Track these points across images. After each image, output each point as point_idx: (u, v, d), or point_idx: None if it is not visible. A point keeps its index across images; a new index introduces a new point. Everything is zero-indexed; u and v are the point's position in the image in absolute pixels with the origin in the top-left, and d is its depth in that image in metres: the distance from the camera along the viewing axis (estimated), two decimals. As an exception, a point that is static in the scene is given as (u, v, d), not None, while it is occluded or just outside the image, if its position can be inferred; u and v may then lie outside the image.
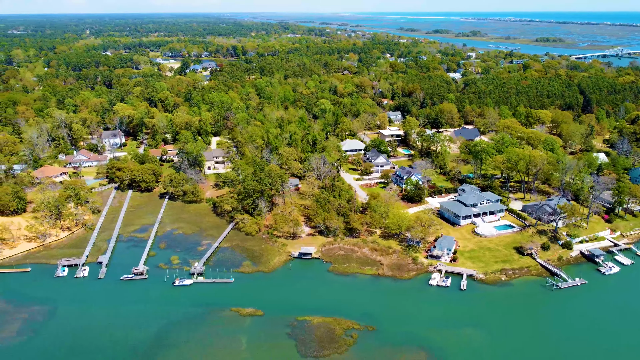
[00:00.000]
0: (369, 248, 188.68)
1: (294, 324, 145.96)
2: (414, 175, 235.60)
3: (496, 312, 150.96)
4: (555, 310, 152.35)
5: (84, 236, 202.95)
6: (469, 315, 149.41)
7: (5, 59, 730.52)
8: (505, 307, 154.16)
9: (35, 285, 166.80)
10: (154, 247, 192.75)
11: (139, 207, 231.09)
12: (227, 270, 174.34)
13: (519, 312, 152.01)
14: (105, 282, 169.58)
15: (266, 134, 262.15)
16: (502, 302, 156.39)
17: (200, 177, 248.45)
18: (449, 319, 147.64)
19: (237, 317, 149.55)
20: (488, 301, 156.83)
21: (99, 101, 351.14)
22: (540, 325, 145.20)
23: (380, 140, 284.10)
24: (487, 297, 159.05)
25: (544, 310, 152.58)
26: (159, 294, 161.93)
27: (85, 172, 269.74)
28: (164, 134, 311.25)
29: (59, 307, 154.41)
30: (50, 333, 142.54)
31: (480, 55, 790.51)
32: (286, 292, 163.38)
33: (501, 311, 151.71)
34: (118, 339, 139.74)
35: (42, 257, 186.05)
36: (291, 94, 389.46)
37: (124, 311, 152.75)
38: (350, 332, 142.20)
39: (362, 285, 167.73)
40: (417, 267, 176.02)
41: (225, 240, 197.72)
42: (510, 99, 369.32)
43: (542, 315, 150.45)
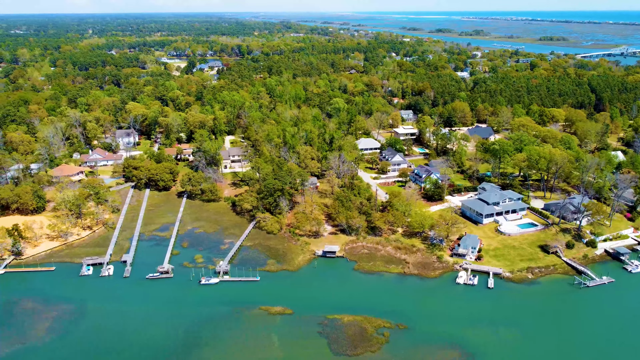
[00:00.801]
0: (392, 246, 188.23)
1: (324, 322, 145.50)
2: (433, 173, 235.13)
3: (527, 311, 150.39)
4: (585, 309, 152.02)
5: (105, 235, 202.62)
6: (499, 313, 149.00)
7: (11, 59, 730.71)
8: (535, 305, 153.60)
9: (62, 284, 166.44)
10: (176, 246, 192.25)
11: (157, 206, 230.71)
12: (252, 269, 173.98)
13: (550, 310, 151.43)
14: (131, 280, 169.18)
15: (283, 132, 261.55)
16: (532, 301, 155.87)
17: (218, 176, 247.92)
18: (479, 317, 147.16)
19: (266, 316, 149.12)
20: (517, 299, 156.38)
21: (111, 100, 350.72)
22: (572, 323, 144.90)
23: (395, 139, 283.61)
24: (516, 295, 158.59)
25: (575, 309, 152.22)
26: (186, 293, 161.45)
27: (102, 171, 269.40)
28: (177, 132, 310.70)
29: (87, 306, 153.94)
30: (81, 332, 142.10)
31: (485, 54, 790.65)
32: (313, 290, 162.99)
33: (532, 309, 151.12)
34: (151, 337, 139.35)
35: (65, 255, 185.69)
36: (302, 92, 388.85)
37: (153, 310, 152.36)
38: (381, 330, 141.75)
39: (388, 283, 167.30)
40: (442, 266, 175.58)
41: (247, 239, 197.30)
42: (523, 97, 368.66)
43: (573, 313, 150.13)
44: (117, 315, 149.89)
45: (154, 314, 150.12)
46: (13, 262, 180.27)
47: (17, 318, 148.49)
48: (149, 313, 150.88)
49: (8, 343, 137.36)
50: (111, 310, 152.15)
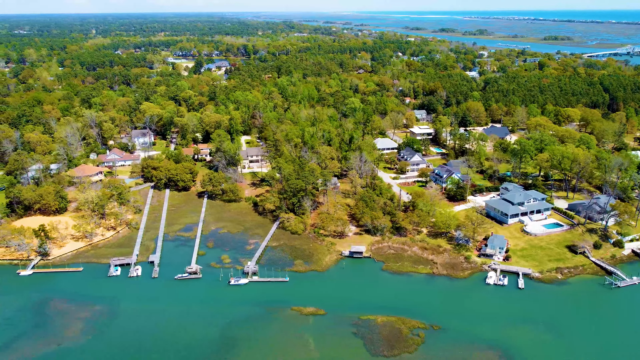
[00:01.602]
0: (418, 247, 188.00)
1: (358, 322, 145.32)
2: (455, 173, 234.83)
3: (561, 311, 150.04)
4: (620, 309, 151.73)
5: (130, 235, 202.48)
6: (533, 314, 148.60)
7: (18, 59, 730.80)
8: (569, 306, 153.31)
9: (91, 285, 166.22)
10: (201, 246, 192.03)
11: (179, 206, 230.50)
12: (280, 269, 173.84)
13: (584, 311, 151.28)
14: (160, 281, 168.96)
15: (302, 132, 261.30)
16: (565, 301, 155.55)
17: (238, 176, 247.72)
18: (514, 317, 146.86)
19: (299, 317, 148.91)
20: (550, 300, 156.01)
21: (125, 100, 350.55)
22: (608, 324, 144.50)
23: (413, 139, 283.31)
24: (548, 296, 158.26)
25: (609, 309, 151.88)
26: (216, 294, 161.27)
27: (120, 171, 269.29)
28: (193, 133, 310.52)
29: (119, 307, 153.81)
30: (116, 332, 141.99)
31: (492, 54, 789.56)
32: (344, 291, 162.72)
33: (566, 310, 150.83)
34: (186, 338, 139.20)
35: (91, 256, 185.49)
36: (315, 92, 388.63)
37: (185, 310, 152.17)
38: (416, 331, 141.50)
39: (418, 284, 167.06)
40: (471, 266, 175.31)
41: (272, 239, 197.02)
42: (536, 97, 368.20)
43: (607, 313, 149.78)
44: (150, 315, 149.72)
45: (186, 315, 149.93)
46: (40, 262, 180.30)
47: (50, 319, 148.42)
48: (181, 314, 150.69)
49: (44, 344, 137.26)
50: (144, 311, 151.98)
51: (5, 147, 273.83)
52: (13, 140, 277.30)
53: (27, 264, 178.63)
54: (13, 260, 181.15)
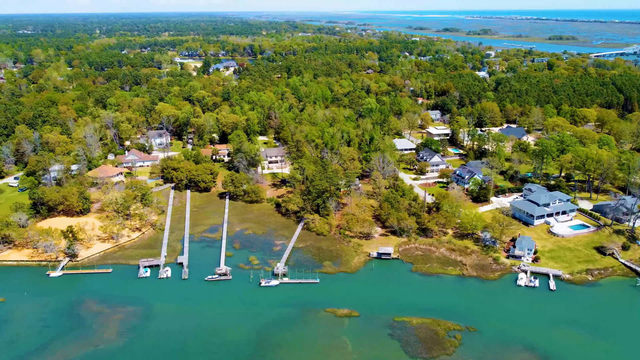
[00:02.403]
0: (446, 248, 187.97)
1: (392, 324, 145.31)
2: (476, 174, 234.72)
3: (596, 313, 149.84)
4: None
5: (155, 236, 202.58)
6: (568, 315, 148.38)
7: (25, 59, 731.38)
8: (603, 307, 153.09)
9: (122, 286, 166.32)
10: (228, 247, 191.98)
11: (201, 207, 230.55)
12: (309, 271, 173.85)
13: (618, 312, 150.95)
14: (190, 283, 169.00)
15: (321, 133, 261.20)
16: (598, 303, 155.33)
17: (259, 177, 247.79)
18: (549, 319, 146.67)
19: (333, 318, 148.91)
20: (583, 301, 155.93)
21: (140, 100, 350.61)
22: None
23: (431, 140, 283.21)
24: (581, 297, 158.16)
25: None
26: (247, 295, 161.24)
27: (139, 172, 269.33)
28: (210, 133, 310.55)
29: (153, 308, 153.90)
30: (152, 334, 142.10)
31: (499, 54, 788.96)
32: (375, 292, 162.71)
33: (601, 312, 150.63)
34: (222, 340, 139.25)
35: (119, 257, 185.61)
36: (328, 93, 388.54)
37: (218, 312, 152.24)
38: (452, 333, 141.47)
39: (449, 285, 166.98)
40: (500, 268, 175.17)
41: (298, 240, 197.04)
42: (551, 97, 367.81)
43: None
44: (184, 317, 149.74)
45: (221, 317, 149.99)
46: (68, 263, 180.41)
47: (85, 320, 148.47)
48: (215, 315, 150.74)
49: (82, 345, 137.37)
50: (177, 313, 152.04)
51: (24, 148, 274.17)
52: (32, 140, 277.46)
53: (56, 265, 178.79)
54: (41, 261, 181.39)
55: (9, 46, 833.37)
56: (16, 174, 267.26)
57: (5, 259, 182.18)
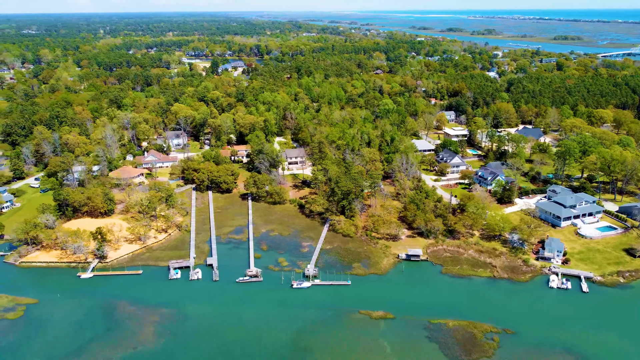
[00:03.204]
0: (474, 250, 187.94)
1: (429, 326, 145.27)
2: (499, 175, 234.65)
3: (631, 315, 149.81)
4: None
5: (181, 237, 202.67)
6: (603, 318, 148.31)
7: (33, 59, 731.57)
8: (637, 309, 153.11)
9: (154, 288, 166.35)
10: (256, 249, 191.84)
11: (224, 209, 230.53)
12: (339, 272, 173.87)
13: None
14: (221, 284, 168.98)
15: (342, 134, 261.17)
16: (632, 305, 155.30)
17: (281, 178, 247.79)
18: (585, 321, 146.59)
19: (369, 320, 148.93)
20: (617, 304, 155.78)
21: (156, 101, 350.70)
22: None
23: (449, 141, 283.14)
24: (615, 299, 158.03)
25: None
26: (280, 297, 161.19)
27: (159, 173, 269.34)
28: (227, 134, 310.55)
29: (187, 310, 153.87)
30: (189, 336, 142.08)
31: (506, 54, 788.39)
32: (407, 294, 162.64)
33: (635, 314, 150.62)
34: (259, 342, 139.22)
35: (148, 259, 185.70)
36: (342, 93, 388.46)
37: (253, 314, 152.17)
38: (490, 335, 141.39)
39: (480, 287, 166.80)
40: (530, 269, 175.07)
41: (325, 242, 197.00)
42: (566, 98, 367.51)
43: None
44: (219, 319, 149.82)
45: (256, 319, 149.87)
46: (98, 265, 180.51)
47: (120, 322, 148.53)
48: (250, 318, 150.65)
49: (120, 347, 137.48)
50: (212, 315, 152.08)
51: (44, 149, 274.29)
52: (51, 141, 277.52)
53: (85, 266, 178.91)
54: (71, 263, 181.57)
55: (15, 46, 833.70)
56: (36, 175, 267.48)
57: (34, 260, 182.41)
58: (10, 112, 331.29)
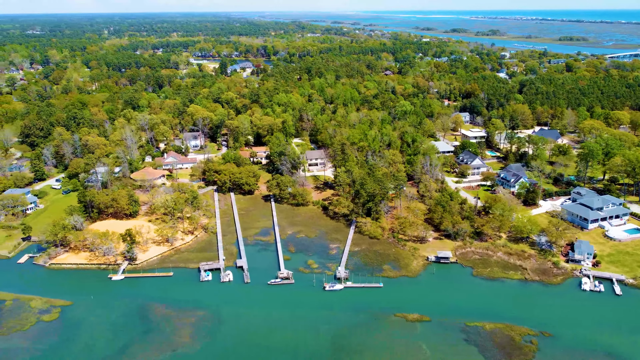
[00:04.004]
0: (503, 252, 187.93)
1: (465, 329, 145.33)
2: (522, 177, 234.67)
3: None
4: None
5: (208, 239, 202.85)
6: (638, 320, 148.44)
7: (41, 60, 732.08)
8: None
9: (186, 290, 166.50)
10: (284, 251, 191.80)
11: (248, 210, 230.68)
12: (370, 274, 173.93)
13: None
14: (253, 286, 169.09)
15: (363, 135, 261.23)
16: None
17: (303, 179, 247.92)
18: (621, 324, 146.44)
19: (405, 323, 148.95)
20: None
21: (172, 103, 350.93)
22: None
23: (469, 142, 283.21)
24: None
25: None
26: (314, 299, 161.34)
27: (179, 175, 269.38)
28: (245, 135, 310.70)
29: (222, 312, 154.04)
30: (226, 338, 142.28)
31: (513, 55, 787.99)
32: (440, 296, 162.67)
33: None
34: (298, 345, 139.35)
35: (177, 261, 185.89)
36: (356, 94, 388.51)
37: (287, 316, 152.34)
38: (527, 338, 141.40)
39: (512, 289, 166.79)
40: (561, 272, 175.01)
41: (352, 244, 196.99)
42: (581, 100, 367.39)
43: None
44: (255, 321, 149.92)
45: (291, 321, 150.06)
46: (128, 267, 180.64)
47: (157, 324, 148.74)
48: (285, 319, 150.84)
49: (159, 349, 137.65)
50: (248, 317, 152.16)
51: (64, 150, 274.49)
52: (71, 143, 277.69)
53: (115, 268, 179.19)
54: (100, 264, 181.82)
55: (22, 47, 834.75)
56: (57, 176, 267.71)
57: (64, 262, 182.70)
58: (27, 114, 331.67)
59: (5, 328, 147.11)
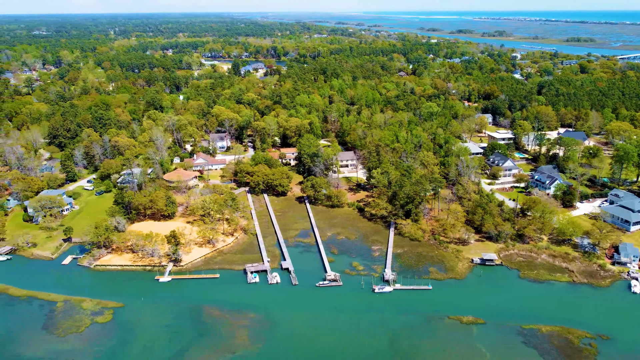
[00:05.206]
0: (546, 254, 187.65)
1: (522, 332, 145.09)
2: (557, 179, 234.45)
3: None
4: None
5: (249, 241, 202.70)
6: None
7: (53, 60, 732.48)
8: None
9: (235, 292, 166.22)
10: (326, 253, 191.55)
11: (284, 212, 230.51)
12: (416, 277, 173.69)
13: None
14: (302, 288, 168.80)
15: (395, 137, 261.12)
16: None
17: (336, 181, 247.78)
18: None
19: (460, 325, 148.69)
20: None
21: (197, 104, 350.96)
22: None
23: (498, 144, 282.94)
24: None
25: None
26: (364, 302, 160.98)
27: (210, 176, 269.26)
28: (272, 136, 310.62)
29: (275, 315, 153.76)
30: (282, 341, 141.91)
31: (525, 56, 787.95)
32: (491, 299, 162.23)
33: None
34: (356, 347, 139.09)
35: (221, 262, 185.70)
36: (378, 96, 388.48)
37: (341, 319, 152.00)
38: (586, 341, 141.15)
39: (562, 292, 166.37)
40: (609, 274, 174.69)
41: (394, 246, 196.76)
42: (606, 101, 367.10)
43: None
44: (311, 324, 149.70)
45: (346, 323, 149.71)
46: (173, 268, 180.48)
47: (211, 326, 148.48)
48: (340, 322, 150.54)
49: (218, 352, 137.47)
50: (301, 319, 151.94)
51: (94, 151, 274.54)
52: (101, 144, 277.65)
53: (161, 270, 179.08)
54: (145, 266, 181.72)
55: (32, 47, 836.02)
56: (87, 177, 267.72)
57: (108, 264, 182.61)
58: (53, 115, 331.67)
59: (60, 330, 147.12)
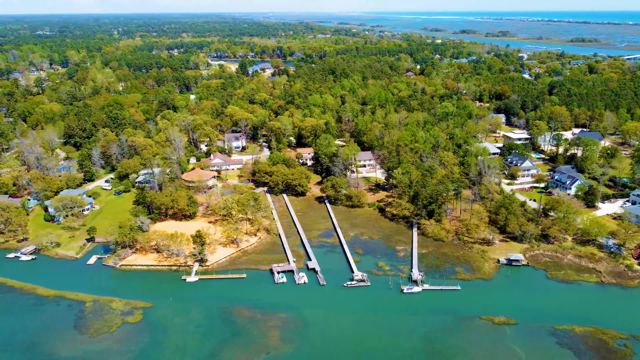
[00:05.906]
0: (572, 255, 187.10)
1: (555, 333, 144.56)
2: (578, 179, 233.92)
3: None
4: None
5: (272, 241, 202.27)
6: None
7: (60, 61, 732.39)
8: None
9: (263, 292, 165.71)
10: (351, 253, 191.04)
11: (304, 212, 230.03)
12: (443, 277, 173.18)
13: None
14: (330, 288, 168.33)
15: (413, 137, 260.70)
16: None
17: (356, 181, 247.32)
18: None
19: (492, 326, 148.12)
20: None
21: (211, 103, 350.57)
22: None
23: (515, 144, 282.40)
24: None
25: None
26: (393, 302, 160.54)
27: (228, 176, 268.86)
28: (286, 136, 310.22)
29: (305, 315, 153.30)
30: (315, 341, 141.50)
31: (531, 56, 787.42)
32: (521, 299, 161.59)
33: None
34: (391, 348, 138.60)
35: (246, 262, 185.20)
36: (390, 96, 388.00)
37: (372, 319, 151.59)
38: (620, 342, 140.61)
39: (591, 292, 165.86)
40: (637, 275, 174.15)
41: (418, 246, 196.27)
42: (619, 101, 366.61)
43: None
44: (343, 324, 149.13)
45: (378, 323, 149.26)
46: (199, 268, 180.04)
47: (243, 327, 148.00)
48: (371, 322, 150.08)
49: (252, 353, 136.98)
50: (333, 320, 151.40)
51: (111, 151, 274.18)
52: (118, 144, 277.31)
53: (187, 269, 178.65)
54: (171, 266, 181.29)
55: (38, 47, 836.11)
56: (105, 177, 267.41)
57: (133, 263, 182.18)
58: (67, 115, 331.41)
59: (92, 330, 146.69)
